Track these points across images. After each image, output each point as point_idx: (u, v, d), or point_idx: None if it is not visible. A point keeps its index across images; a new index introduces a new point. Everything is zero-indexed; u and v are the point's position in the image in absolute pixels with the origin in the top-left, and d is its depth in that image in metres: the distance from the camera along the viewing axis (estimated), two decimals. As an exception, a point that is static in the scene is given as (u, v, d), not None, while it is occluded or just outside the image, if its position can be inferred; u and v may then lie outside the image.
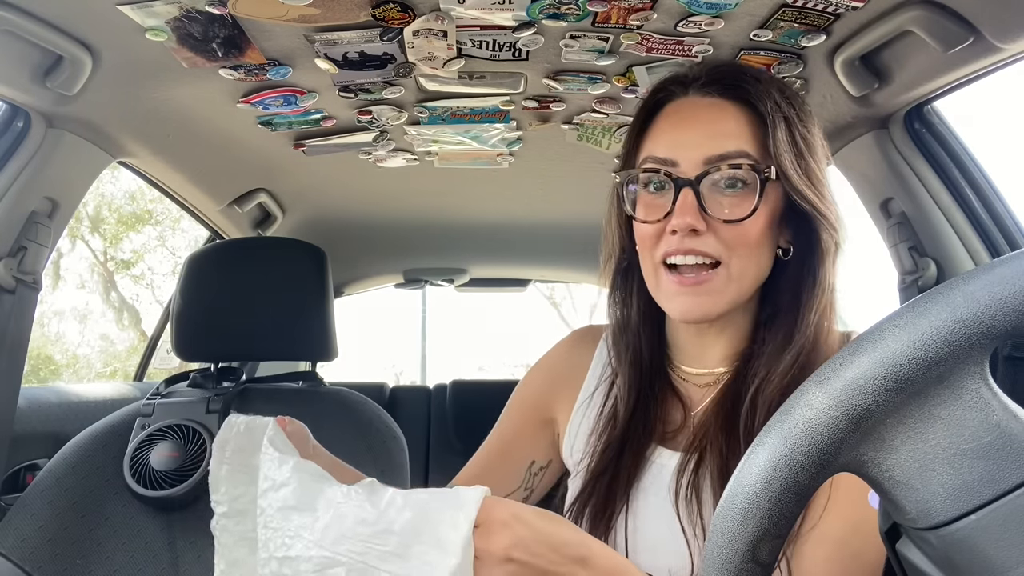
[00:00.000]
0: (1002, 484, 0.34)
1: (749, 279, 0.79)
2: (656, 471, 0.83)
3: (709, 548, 0.38)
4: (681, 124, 0.82)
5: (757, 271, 0.80)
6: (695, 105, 0.82)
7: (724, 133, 0.79)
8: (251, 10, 0.96)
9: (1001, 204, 1.21)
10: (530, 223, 2.16)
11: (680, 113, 0.82)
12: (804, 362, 0.77)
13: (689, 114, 0.82)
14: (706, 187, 0.77)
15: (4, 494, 1.27)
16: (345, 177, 1.76)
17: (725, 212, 0.77)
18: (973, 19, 0.92)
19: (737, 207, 0.77)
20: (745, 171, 0.77)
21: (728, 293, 0.78)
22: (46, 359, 10.40)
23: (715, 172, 0.77)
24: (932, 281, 1.23)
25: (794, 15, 0.98)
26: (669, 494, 0.79)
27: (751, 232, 0.77)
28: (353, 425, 1.36)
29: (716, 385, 0.84)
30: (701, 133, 0.79)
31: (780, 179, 0.77)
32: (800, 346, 0.78)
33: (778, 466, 0.36)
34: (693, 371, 0.87)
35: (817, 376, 0.37)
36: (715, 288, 0.78)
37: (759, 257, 0.79)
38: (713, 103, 0.81)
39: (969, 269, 0.94)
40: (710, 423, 0.81)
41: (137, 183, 7.63)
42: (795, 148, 0.78)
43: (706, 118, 0.81)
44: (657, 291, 0.82)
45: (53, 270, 10.02)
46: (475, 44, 1.08)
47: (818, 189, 0.79)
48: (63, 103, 1.14)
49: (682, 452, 0.82)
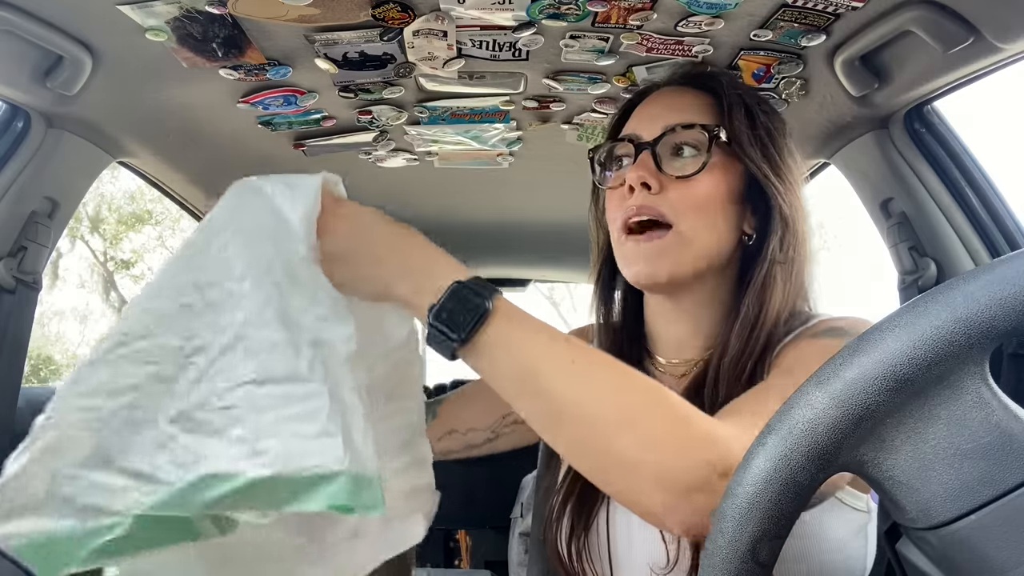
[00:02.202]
0: (1002, 484, 0.34)
1: (702, 246, 0.82)
2: None
3: (709, 548, 0.38)
4: (649, 108, 0.90)
5: (711, 239, 0.83)
6: (663, 94, 0.91)
7: (683, 108, 0.86)
8: (251, 10, 0.96)
9: (1001, 204, 1.21)
10: (530, 223, 2.16)
11: (650, 102, 0.90)
12: (748, 333, 0.80)
13: (657, 100, 0.90)
14: (662, 149, 0.83)
15: (4, 494, 1.27)
16: (345, 177, 1.76)
17: (677, 170, 0.82)
18: (973, 19, 0.92)
19: (689, 165, 0.82)
20: (696, 132, 0.83)
21: (680, 256, 0.82)
22: (46, 359, 10.40)
23: (670, 135, 0.83)
24: (932, 281, 1.23)
25: (794, 15, 0.98)
26: None
27: (702, 193, 0.82)
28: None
29: (689, 375, 0.87)
30: (664, 109, 0.87)
31: (733, 146, 0.83)
32: (744, 312, 0.81)
33: (778, 466, 0.36)
34: (671, 362, 0.90)
35: (817, 376, 0.37)
36: (667, 248, 0.81)
37: (713, 225, 0.82)
38: (679, 90, 0.90)
39: (969, 269, 0.94)
40: None
41: (137, 183, 7.62)
42: (752, 127, 0.84)
43: (670, 100, 0.89)
44: (621, 260, 0.86)
45: (52, 270, 10.01)
46: (475, 44, 1.08)
47: (774, 167, 0.84)
48: (63, 103, 1.14)
49: None
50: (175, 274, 0.62)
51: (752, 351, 0.79)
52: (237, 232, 0.62)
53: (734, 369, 0.79)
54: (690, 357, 0.88)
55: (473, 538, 2.55)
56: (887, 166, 1.26)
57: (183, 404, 0.58)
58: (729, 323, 0.83)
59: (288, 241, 0.61)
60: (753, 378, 0.78)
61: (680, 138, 0.83)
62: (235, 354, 0.58)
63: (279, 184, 0.65)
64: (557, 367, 0.59)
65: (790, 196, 0.84)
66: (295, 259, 0.61)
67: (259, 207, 0.63)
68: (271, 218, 0.62)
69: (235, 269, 0.60)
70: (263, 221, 0.62)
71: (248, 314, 0.59)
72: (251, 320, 0.59)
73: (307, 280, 0.61)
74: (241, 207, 0.64)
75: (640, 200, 0.82)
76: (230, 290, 0.60)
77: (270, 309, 0.59)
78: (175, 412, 0.58)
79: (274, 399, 0.57)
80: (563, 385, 0.58)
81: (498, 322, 0.60)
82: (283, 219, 0.62)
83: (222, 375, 0.58)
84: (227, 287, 0.60)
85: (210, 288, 0.60)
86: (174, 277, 0.62)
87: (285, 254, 0.61)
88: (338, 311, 0.61)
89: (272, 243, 0.61)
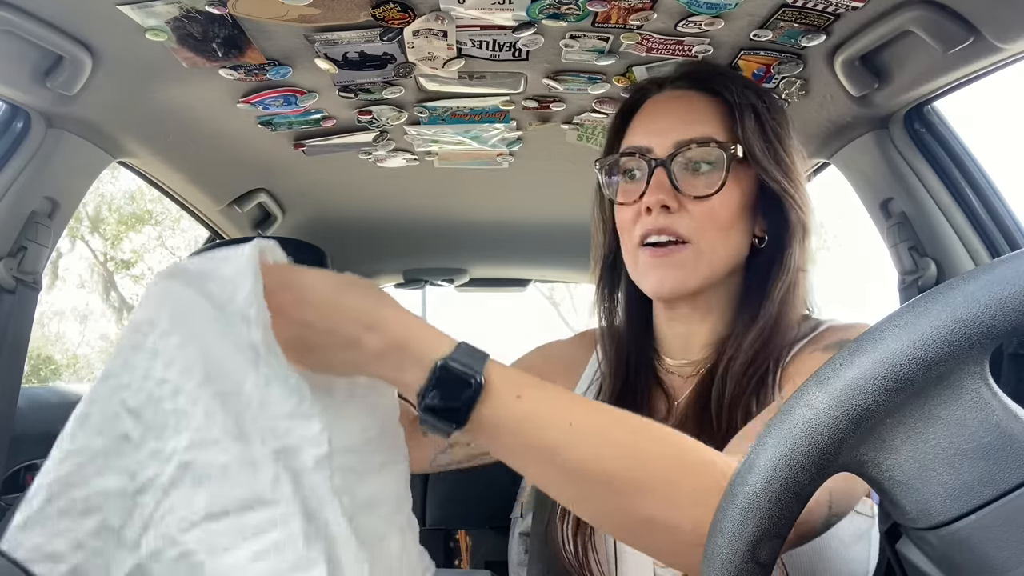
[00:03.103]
0: (1002, 484, 0.34)
1: (719, 256, 0.83)
2: None
3: (709, 548, 0.38)
4: (655, 115, 0.88)
5: (727, 251, 0.83)
6: (668, 98, 0.89)
7: (694, 120, 0.84)
8: (251, 10, 0.96)
9: (1001, 204, 1.21)
10: (530, 223, 2.16)
11: (655, 107, 0.89)
12: (767, 336, 0.81)
13: (663, 107, 0.88)
14: (677, 167, 0.82)
15: (4, 494, 1.27)
16: (345, 177, 1.76)
17: (695, 190, 0.82)
18: (973, 19, 0.92)
19: (707, 184, 0.82)
20: (712, 149, 0.82)
21: (699, 268, 0.82)
22: (46, 359, 10.40)
23: (685, 152, 0.82)
24: (932, 281, 1.23)
25: (794, 15, 0.98)
26: None
27: (720, 210, 0.82)
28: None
29: (697, 375, 0.87)
30: (673, 120, 0.85)
31: (748, 159, 0.82)
32: (764, 321, 0.82)
33: (778, 466, 0.36)
34: (678, 363, 0.91)
35: (817, 376, 0.37)
36: (685, 261, 0.82)
37: (729, 237, 0.83)
38: (684, 95, 0.88)
39: (969, 269, 0.94)
40: (690, 409, 0.83)
41: (137, 183, 7.62)
42: (763, 135, 0.83)
43: (678, 108, 0.87)
44: (635, 270, 0.86)
45: (52, 270, 10.02)
46: (475, 44, 1.08)
47: (787, 172, 0.84)
48: (63, 103, 1.14)
49: None
50: (104, 398, 0.52)
51: (768, 356, 0.80)
52: (166, 334, 0.53)
53: (745, 372, 0.80)
54: (698, 357, 0.89)
55: (473, 538, 2.55)
56: (887, 166, 1.26)
57: (136, 557, 0.49)
58: (743, 327, 0.83)
59: (230, 330, 0.52)
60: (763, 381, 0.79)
61: (695, 155, 0.82)
62: (183, 487, 0.49)
63: (208, 263, 0.56)
64: (562, 436, 0.55)
65: (801, 198, 0.84)
66: (243, 349, 0.52)
67: (189, 298, 0.54)
68: (205, 308, 0.54)
69: (168, 381, 0.51)
70: (196, 313, 0.53)
71: (192, 434, 0.50)
72: (196, 441, 0.50)
73: (261, 373, 0.52)
74: (167, 302, 0.54)
75: (660, 222, 0.81)
76: (167, 408, 0.51)
77: (215, 423, 0.50)
78: (129, 568, 0.49)
79: (235, 534, 0.48)
80: (571, 455, 0.55)
81: (493, 398, 0.55)
82: (219, 306, 0.53)
83: (173, 514, 0.49)
84: (163, 406, 0.51)
85: (145, 409, 0.51)
86: (103, 403, 0.52)
87: (228, 348, 0.52)
88: (302, 404, 0.52)
89: (211, 338, 0.52)
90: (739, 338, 0.82)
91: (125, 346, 0.53)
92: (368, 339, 0.57)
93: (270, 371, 0.52)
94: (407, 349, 0.57)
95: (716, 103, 0.86)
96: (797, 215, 0.83)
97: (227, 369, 0.52)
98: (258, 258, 0.56)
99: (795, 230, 0.84)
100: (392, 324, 0.58)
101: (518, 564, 2.03)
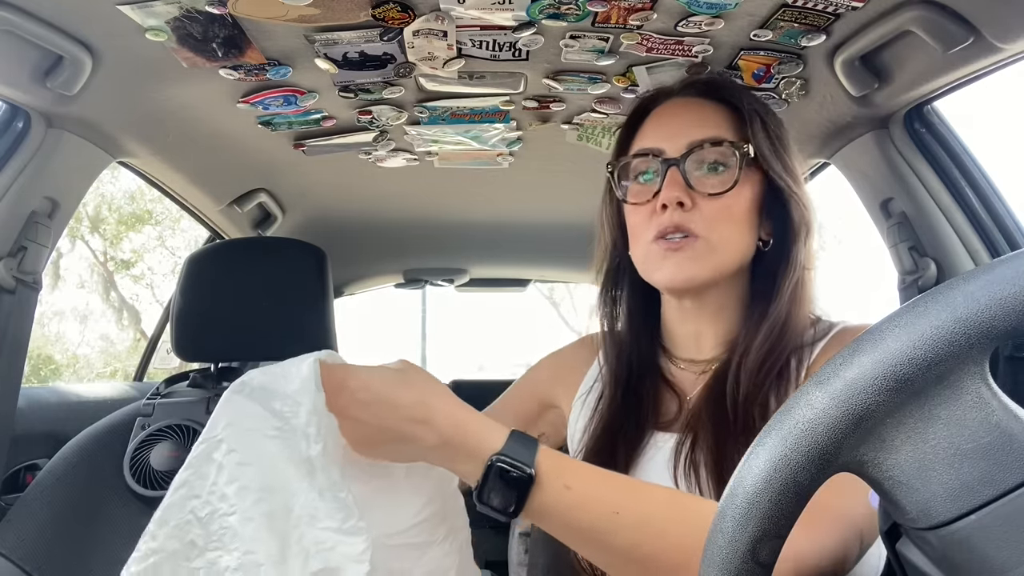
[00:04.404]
0: (1002, 484, 0.34)
1: (729, 253, 0.85)
2: (652, 452, 0.87)
3: (709, 548, 0.38)
4: (667, 119, 0.90)
5: (737, 247, 0.86)
6: (679, 104, 0.92)
7: (706, 124, 0.87)
8: (251, 10, 0.96)
9: (1001, 204, 1.21)
10: (530, 223, 2.16)
11: (666, 112, 0.92)
12: (779, 332, 0.83)
13: (674, 111, 0.91)
14: (691, 166, 0.85)
15: (4, 494, 1.27)
16: (345, 177, 1.76)
17: (709, 187, 0.84)
18: (973, 19, 0.92)
19: (720, 182, 0.84)
20: (725, 148, 0.85)
21: (710, 261, 0.84)
22: (46, 359, 10.40)
23: (698, 152, 0.85)
24: (932, 281, 1.23)
25: (794, 15, 0.98)
26: (668, 470, 0.83)
27: (732, 207, 0.84)
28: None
29: (708, 372, 0.89)
30: (684, 123, 0.88)
31: (758, 159, 0.85)
32: (774, 318, 0.84)
33: (778, 466, 0.36)
34: (688, 360, 0.92)
35: (817, 376, 0.37)
36: (698, 254, 0.83)
37: (739, 234, 0.85)
38: (695, 101, 0.91)
39: (969, 269, 0.94)
40: (701, 406, 0.85)
41: (137, 183, 7.63)
42: (769, 137, 0.86)
43: (689, 112, 0.90)
44: (647, 265, 0.88)
45: (53, 270, 10.02)
46: (475, 44, 1.08)
47: (791, 173, 0.87)
48: (63, 103, 1.14)
49: (678, 434, 0.86)
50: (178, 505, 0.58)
51: (780, 353, 0.82)
52: (231, 451, 0.58)
53: (759, 368, 0.82)
54: (708, 355, 0.91)
55: (473, 538, 2.55)
56: (887, 166, 1.26)
57: None
58: (753, 325, 0.85)
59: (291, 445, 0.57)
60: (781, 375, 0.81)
61: (708, 155, 0.85)
62: None
63: (272, 379, 0.61)
64: (607, 524, 0.61)
65: (806, 198, 0.87)
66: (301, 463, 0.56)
67: (255, 413, 0.59)
68: (270, 423, 0.58)
69: (227, 497, 0.56)
70: (261, 430, 0.58)
71: (240, 555, 0.55)
72: (243, 563, 0.54)
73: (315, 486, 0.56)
74: (235, 418, 0.59)
75: (675, 219, 0.83)
76: (225, 525, 0.56)
77: (260, 546, 0.54)
78: None
79: None
80: (615, 540, 0.60)
81: (544, 489, 0.61)
82: (284, 420, 0.58)
83: None
84: (222, 521, 0.56)
85: (210, 521, 0.57)
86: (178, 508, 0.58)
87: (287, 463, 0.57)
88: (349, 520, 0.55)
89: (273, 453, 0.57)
90: (750, 335, 0.84)
91: (198, 456, 0.59)
92: (422, 434, 0.62)
93: (324, 485, 0.56)
94: (460, 444, 0.62)
95: (724, 109, 0.89)
96: (801, 214, 0.86)
97: (283, 484, 0.56)
98: (318, 372, 0.60)
99: (799, 229, 0.86)
100: (443, 419, 0.63)
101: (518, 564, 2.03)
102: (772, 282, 0.86)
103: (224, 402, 0.61)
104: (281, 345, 1.42)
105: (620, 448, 0.87)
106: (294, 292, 1.39)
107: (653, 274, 0.87)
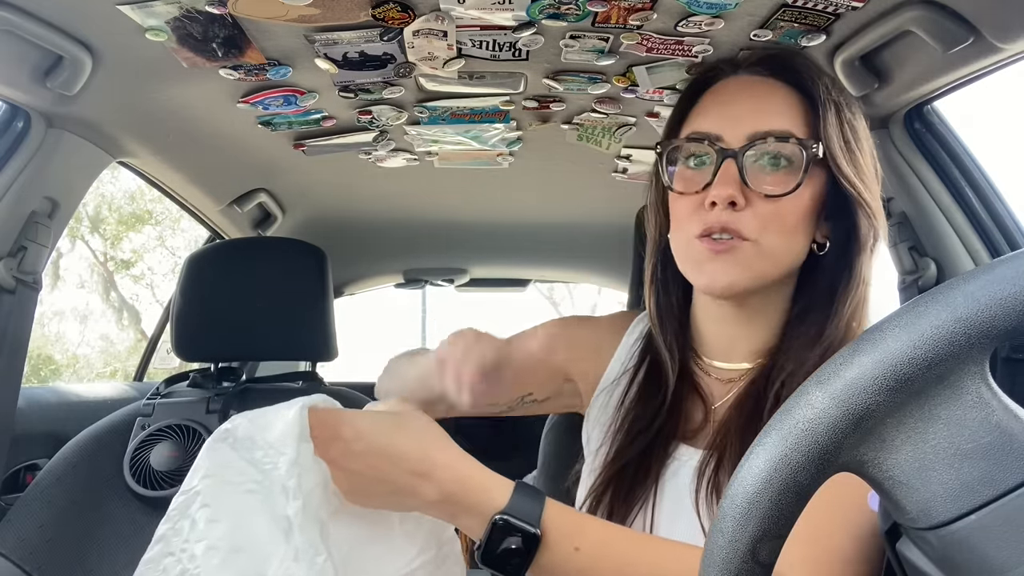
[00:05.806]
0: (1002, 484, 0.34)
1: (779, 260, 0.77)
2: (676, 468, 0.81)
3: (709, 548, 0.38)
4: (728, 100, 0.80)
5: (789, 255, 0.77)
6: (744, 83, 0.81)
7: (772, 111, 0.77)
8: (251, 10, 0.96)
9: (1001, 204, 1.21)
10: (530, 223, 2.16)
11: (728, 90, 0.81)
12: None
13: (737, 91, 0.81)
14: (749, 161, 0.75)
15: (4, 494, 1.27)
16: (345, 177, 1.76)
17: (767, 187, 0.74)
18: (973, 19, 0.92)
19: (780, 183, 0.74)
20: (792, 146, 0.75)
21: (756, 268, 0.76)
22: (46, 359, 10.40)
23: (760, 145, 0.75)
24: (932, 281, 1.23)
25: (794, 15, 0.98)
26: (689, 493, 0.78)
27: (789, 212, 0.75)
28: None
29: (739, 381, 0.82)
30: (748, 108, 0.78)
31: (827, 160, 0.75)
32: (830, 341, 0.76)
33: (778, 466, 0.36)
34: (717, 365, 0.85)
35: (817, 376, 0.37)
36: (743, 259, 0.75)
37: (792, 241, 0.77)
38: (763, 81, 0.80)
39: (969, 269, 0.94)
40: (732, 421, 0.78)
41: (137, 183, 7.63)
42: (843, 135, 0.76)
43: (754, 95, 0.79)
44: (687, 262, 0.80)
45: (52, 270, 10.01)
46: (475, 44, 1.08)
47: (863, 177, 0.77)
48: (63, 103, 1.14)
49: (703, 450, 0.80)
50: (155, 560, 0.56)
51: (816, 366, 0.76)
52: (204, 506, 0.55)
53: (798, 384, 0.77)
54: (739, 363, 0.83)
55: (473, 538, 2.55)
56: (887, 166, 1.26)
57: None
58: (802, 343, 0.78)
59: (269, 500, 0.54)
60: None
61: (771, 149, 0.75)
62: None
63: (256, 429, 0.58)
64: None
65: (877, 204, 0.78)
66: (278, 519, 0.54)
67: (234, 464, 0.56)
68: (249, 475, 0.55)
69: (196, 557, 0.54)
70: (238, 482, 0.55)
71: None
72: None
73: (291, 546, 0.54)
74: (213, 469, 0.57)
75: (724, 218, 0.74)
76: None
77: None
78: None
79: None
80: None
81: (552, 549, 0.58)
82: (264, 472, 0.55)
83: None
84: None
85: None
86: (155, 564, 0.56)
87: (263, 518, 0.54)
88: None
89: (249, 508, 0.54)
90: (800, 352, 0.76)
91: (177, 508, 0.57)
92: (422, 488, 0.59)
93: (301, 547, 0.54)
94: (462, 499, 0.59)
95: (796, 94, 0.78)
96: (870, 222, 0.77)
97: (256, 545, 0.54)
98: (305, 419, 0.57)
99: (866, 239, 0.77)
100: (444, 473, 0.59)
101: (518, 564, 2.02)
102: (828, 296, 0.78)
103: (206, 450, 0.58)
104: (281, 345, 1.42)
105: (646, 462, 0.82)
106: (294, 292, 1.39)
107: (692, 274, 0.79)
